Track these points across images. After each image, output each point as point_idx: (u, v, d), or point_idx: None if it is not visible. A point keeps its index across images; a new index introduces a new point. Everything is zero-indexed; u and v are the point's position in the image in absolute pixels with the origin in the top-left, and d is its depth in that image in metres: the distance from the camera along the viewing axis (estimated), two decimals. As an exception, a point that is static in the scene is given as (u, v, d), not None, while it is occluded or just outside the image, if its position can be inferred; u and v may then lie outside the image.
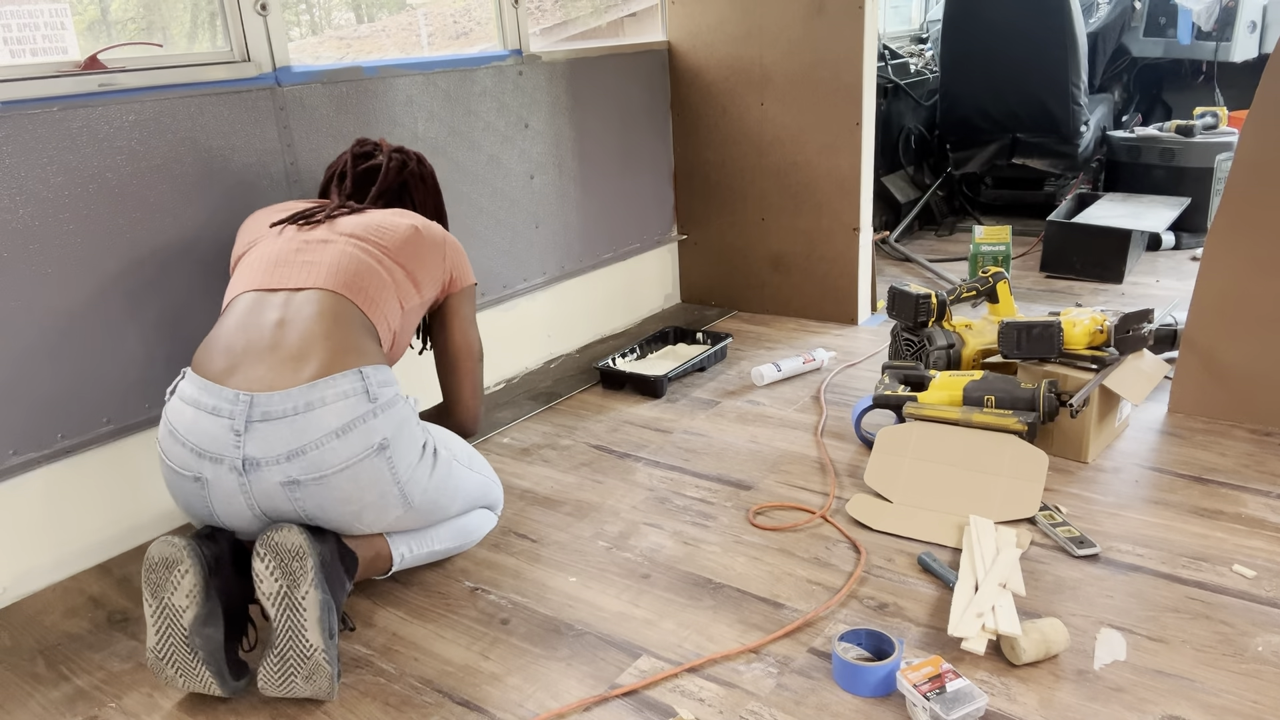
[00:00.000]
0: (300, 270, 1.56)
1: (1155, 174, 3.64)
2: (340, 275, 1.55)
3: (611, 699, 1.35)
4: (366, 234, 1.64)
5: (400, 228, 1.67)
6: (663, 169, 3.09)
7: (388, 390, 1.46)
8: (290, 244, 1.61)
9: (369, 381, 1.43)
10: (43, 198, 1.65)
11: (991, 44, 3.74)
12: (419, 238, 1.67)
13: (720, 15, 2.85)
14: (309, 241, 1.61)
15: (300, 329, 1.46)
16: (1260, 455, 1.93)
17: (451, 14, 5.03)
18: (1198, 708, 1.25)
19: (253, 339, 1.45)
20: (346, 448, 1.39)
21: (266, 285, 1.54)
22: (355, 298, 1.54)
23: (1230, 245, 2.01)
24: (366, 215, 1.69)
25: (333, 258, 1.58)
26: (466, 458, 1.67)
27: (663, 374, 2.44)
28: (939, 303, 2.23)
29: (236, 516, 1.42)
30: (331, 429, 1.38)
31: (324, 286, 1.53)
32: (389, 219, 1.68)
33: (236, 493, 1.38)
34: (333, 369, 1.42)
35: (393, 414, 1.45)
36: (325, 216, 1.67)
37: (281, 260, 1.58)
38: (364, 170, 1.82)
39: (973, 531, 1.62)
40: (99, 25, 2.19)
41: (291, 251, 1.59)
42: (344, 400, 1.40)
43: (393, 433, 1.43)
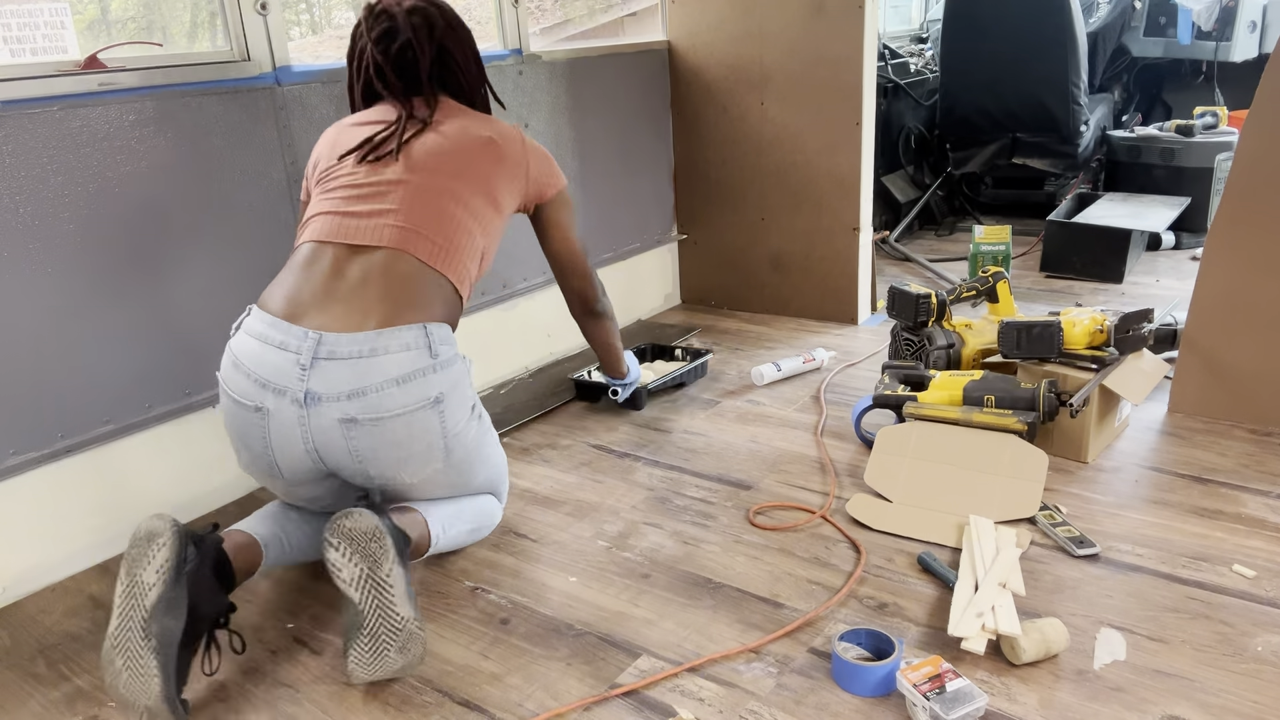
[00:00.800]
0: (370, 226, 1.54)
1: (1155, 174, 3.64)
2: (412, 233, 1.54)
3: (611, 699, 1.35)
4: (441, 164, 1.60)
5: (475, 146, 1.63)
6: (663, 169, 3.09)
7: (447, 349, 1.51)
8: (360, 188, 1.57)
9: (431, 338, 1.48)
10: (42, 197, 1.65)
11: (991, 44, 3.74)
12: (497, 153, 1.64)
13: (720, 15, 2.85)
14: (381, 185, 1.57)
15: (370, 288, 1.49)
16: (1260, 455, 1.93)
17: (451, 14, 5.02)
18: (1197, 708, 1.25)
19: (321, 291, 1.48)
20: (405, 395, 1.44)
21: (336, 237, 1.54)
22: (428, 256, 1.54)
23: (1230, 245, 2.01)
24: (438, 134, 1.63)
25: (406, 208, 1.55)
26: (495, 436, 1.71)
27: (644, 385, 2.36)
28: (939, 303, 2.23)
29: (289, 452, 1.46)
30: (392, 376, 1.43)
31: (393, 246, 1.52)
32: (464, 137, 1.63)
33: (294, 425, 1.43)
34: (398, 322, 1.46)
35: (450, 372, 1.50)
36: (397, 144, 1.60)
37: (351, 210, 1.56)
38: (397, 52, 1.65)
39: (973, 531, 1.62)
40: (99, 24, 2.19)
41: (362, 198, 1.56)
42: (406, 352, 1.44)
43: (448, 389, 1.49)
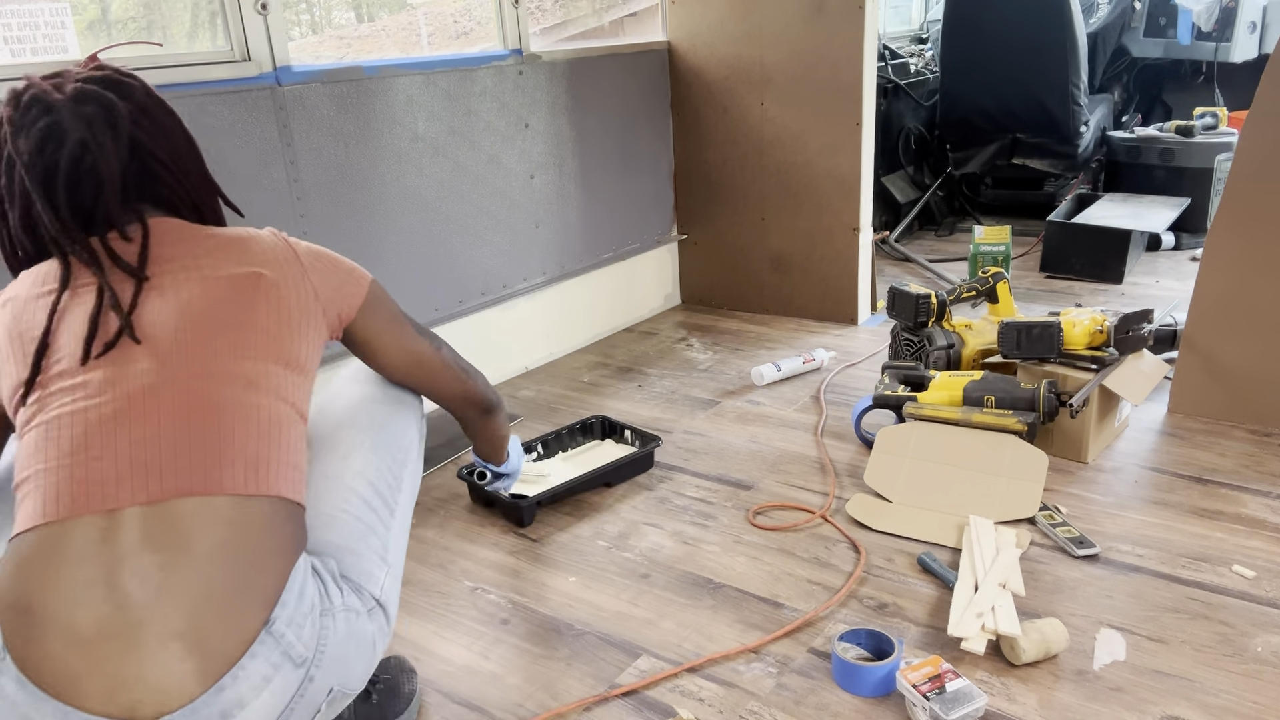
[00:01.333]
0: (136, 469, 0.95)
1: (1155, 174, 3.64)
2: (201, 454, 0.97)
3: (611, 699, 1.35)
4: (201, 335, 1.01)
5: (235, 296, 1.04)
6: (663, 169, 3.09)
7: (307, 622, 0.99)
8: (96, 409, 0.97)
9: (284, 638, 0.97)
10: (43, 197, 1.65)
11: (991, 44, 3.74)
12: (271, 294, 1.06)
13: (720, 15, 2.85)
14: (128, 399, 0.97)
15: (167, 584, 0.92)
16: (1260, 455, 1.93)
17: (452, 14, 5.03)
18: (1197, 708, 1.25)
19: (101, 614, 0.91)
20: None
21: (88, 508, 0.94)
22: (237, 479, 0.98)
23: (1230, 245, 2.01)
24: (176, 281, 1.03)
25: (176, 422, 0.97)
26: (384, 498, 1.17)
27: (531, 497, 1.84)
28: (939, 303, 2.23)
29: None
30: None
31: (184, 491, 0.95)
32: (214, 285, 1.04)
33: None
34: (233, 644, 0.94)
35: (331, 651, 1.01)
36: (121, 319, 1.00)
37: (95, 449, 0.96)
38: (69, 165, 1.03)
39: (972, 531, 1.62)
40: (99, 24, 2.19)
41: (105, 425, 0.96)
42: (266, 688, 0.96)
43: (339, 670, 1.03)
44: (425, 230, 2.34)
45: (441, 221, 2.38)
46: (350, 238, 2.17)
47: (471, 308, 2.51)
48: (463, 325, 2.50)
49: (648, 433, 2.07)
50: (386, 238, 2.25)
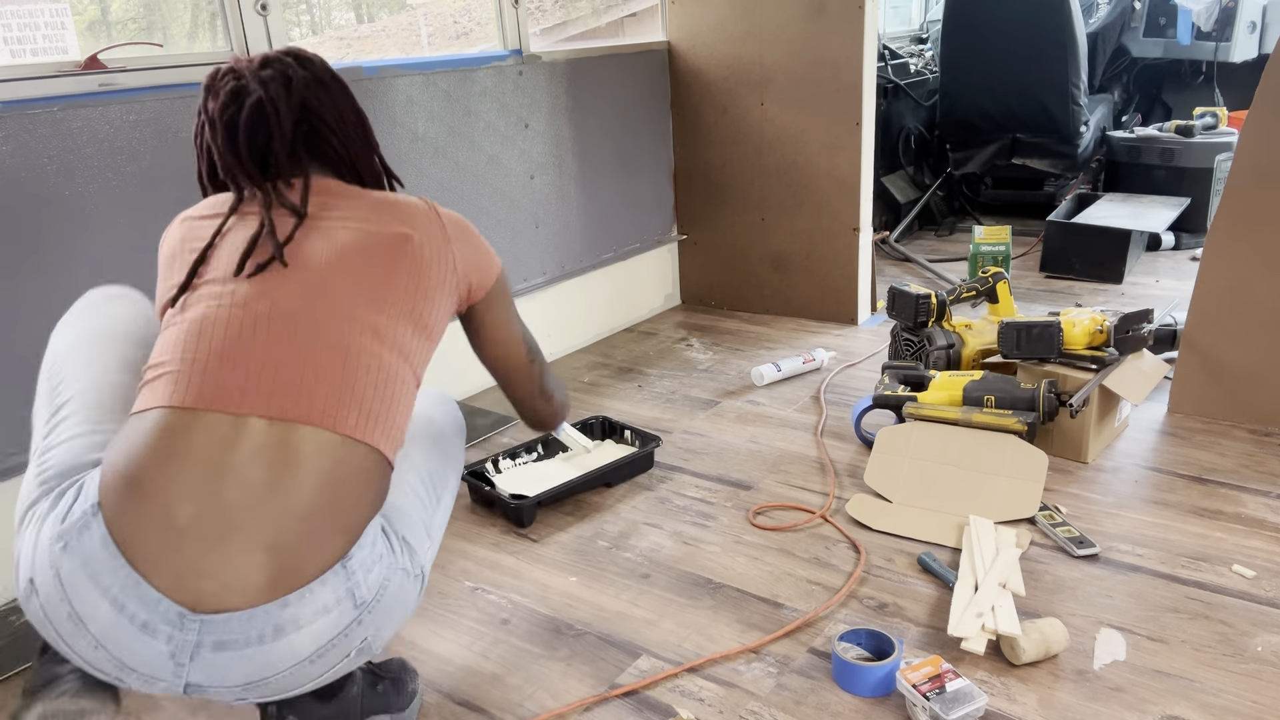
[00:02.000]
0: (263, 381, 1.03)
1: (1155, 174, 3.64)
2: (326, 389, 1.05)
3: (611, 699, 1.35)
4: (345, 285, 1.10)
5: (384, 251, 1.13)
6: (663, 169, 3.09)
7: (375, 567, 1.06)
8: (239, 314, 1.06)
9: (354, 575, 1.04)
10: (42, 197, 1.65)
11: (991, 44, 3.74)
12: (416, 257, 1.15)
13: (720, 15, 2.85)
14: (269, 316, 1.06)
15: (267, 498, 1.00)
16: (1260, 455, 1.93)
17: (451, 14, 5.03)
18: (1197, 708, 1.25)
19: (199, 509, 0.98)
20: (320, 667, 1.06)
21: (213, 403, 1.02)
22: (350, 423, 1.06)
23: (1230, 245, 2.01)
24: (325, 235, 1.13)
25: (310, 352, 1.06)
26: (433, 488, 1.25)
27: (531, 498, 1.83)
28: (939, 303, 2.23)
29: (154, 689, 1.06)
30: (305, 655, 1.03)
31: (302, 419, 1.03)
32: (365, 238, 1.13)
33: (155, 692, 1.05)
34: (310, 569, 1.01)
35: (384, 604, 1.08)
36: (275, 247, 1.10)
37: (231, 352, 1.04)
38: (249, 117, 1.16)
39: (972, 531, 1.62)
40: (99, 25, 2.19)
41: (245, 332, 1.05)
42: (324, 617, 1.02)
43: (379, 623, 1.08)
44: (425, 230, 2.33)
45: (441, 222, 2.37)
46: (350, 238, 2.17)
47: (471, 308, 2.51)
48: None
49: (648, 433, 2.06)
50: (386, 238, 2.25)
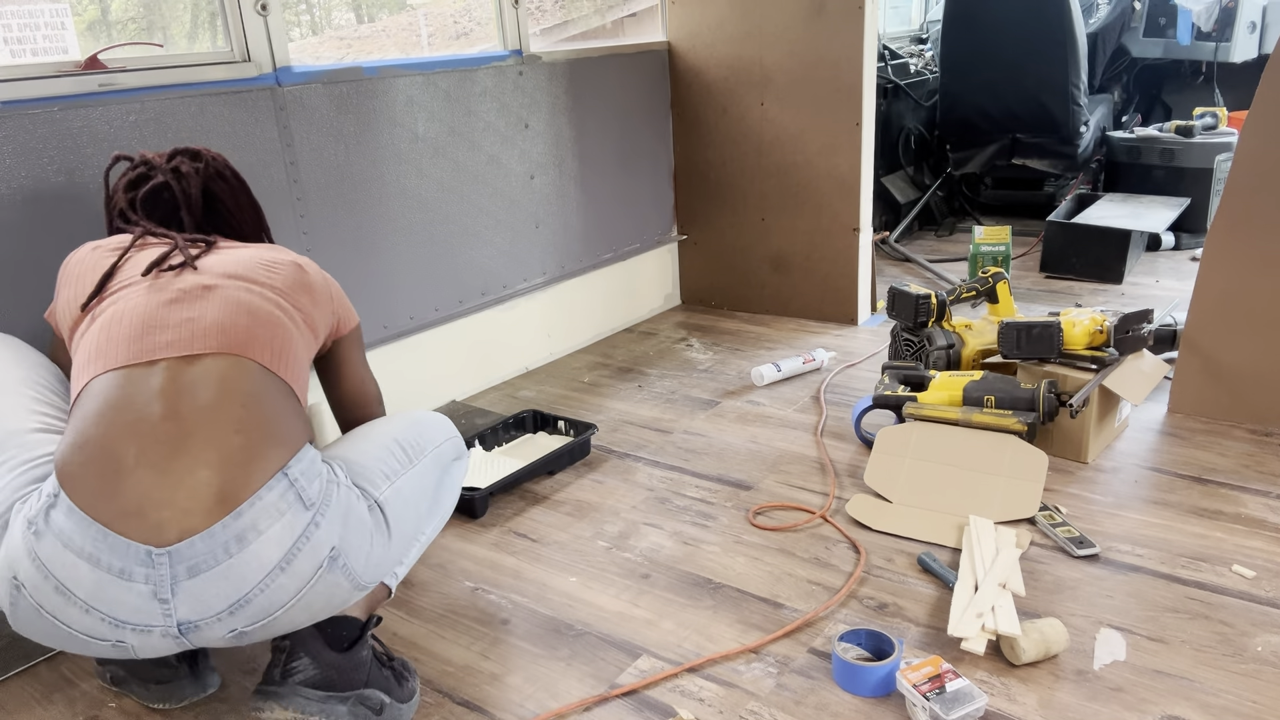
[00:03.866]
0: (182, 331, 1.19)
1: (1155, 174, 3.64)
2: (239, 330, 1.21)
3: (611, 699, 1.35)
4: (250, 272, 1.31)
5: (284, 263, 1.36)
6: (663, 169, 3.09)
7: (316, 480, 1.16)
8: (156, 296, 1.23)
9: (298, 482, 1.14)
10: (43, 197, 1.65)
11: (991, 44, 3.74)
12: (306, 275, 1.37)
13: (720, 15, 2.85)
14: (184, 291, 1.24)
15: (202, 420, 1.12)
16: (1260, 455, 1.93)
17: (451, 14, 5.03)
18: (1197, 708, 1.25)
19: (143, 445, 1.09)
20: (294, 579, 1.13)
21: (139, 358, 1.16)
22: (264, 357, 1.21)
23: (1230, 245, 2.01)
24: (234, 251, 1.36)
25: (222, 308, 1.23)
26: (405, 450, 1.36)
27: (484, 489, 1.88)
28: (939, 303, 2.23)
29: (157, 651, 1.16)
30: (273, 563, 1.11)
31: (222, 350, 1.18)
32: (265, 254, 1.36)
33: (171, 647, 1.14)
34: (254, 479, 1.11)
35: (335, 509, 1.17)
36: (186, 257, 1.29)
37: (152, 321, 1.19)
38: (149, 193, 1.42)
39: (972, 531, 1.62)
40: (99, 25, 2.19)
41: (162, 306, 1.21)
42: (278, 520, 1.11)
43: (340, 532, 1.17)
44: (425, 230, 2.34)
45: (441, 222, 2.38)
46: (350, 238, 2.17)
47: (471, 308, 2.51)
48: (463, 325, 2.50)
49: (582, 422, 2.19)
50: (386, 238, 2.25)
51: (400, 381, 2.36)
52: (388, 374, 2.32)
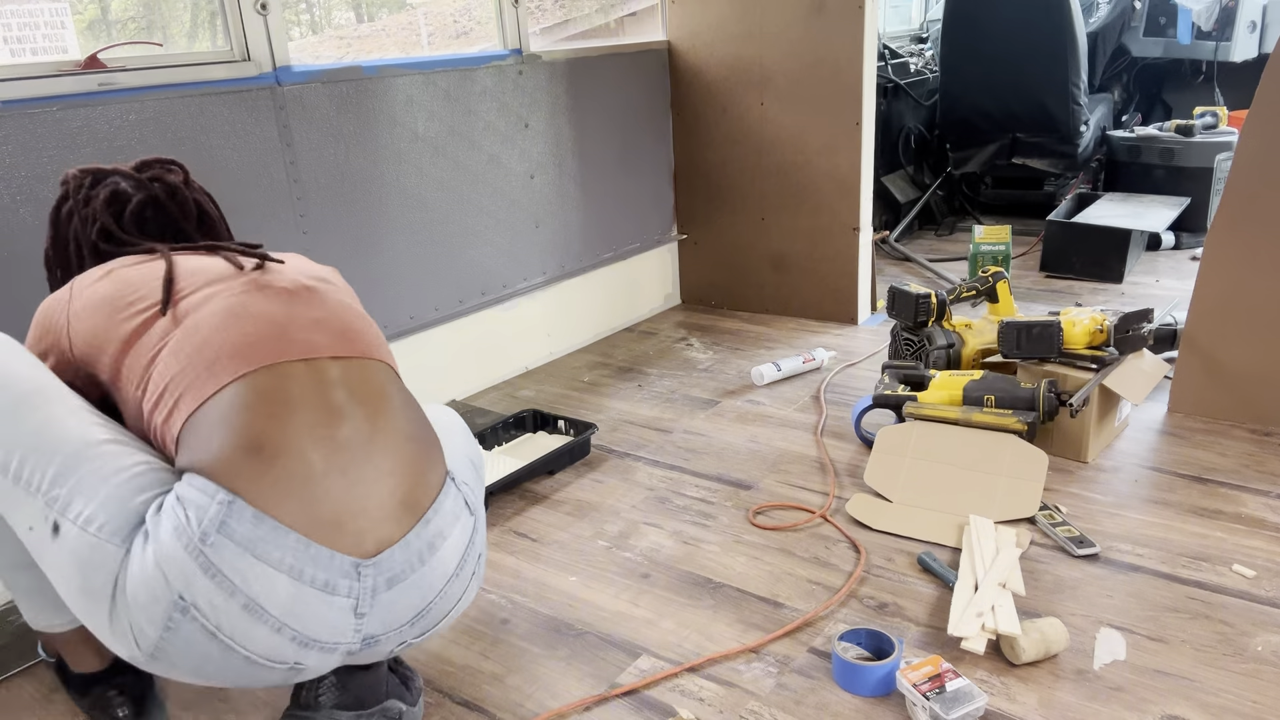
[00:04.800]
0: (324, 332, 1.11)
1: (1155, 174, 3.64)
2: (364, 333, 1.15)
3: (611, 698, 1.35)
4: (321, 275, 1.23)
5: (326, 270, 1.28)
6: (663, 169, 3.09)
7: (471, 482, 1.18)
8: (267, 296, 1.12)
9: (464, 486, 1.15)
10: (43, 197, 1.65)
11: (991, 44, 3.74)
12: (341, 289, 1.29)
13: (720, 15, 2.85)
14: (291, 292, 1.14)
15: (380, 425, 1.07)
16: (1260, 455, 1.93)
17: (451, 13, 5.03)
18: (1197, 707, 1.25)
19: (329, 450, 1.02)
20: (460, 584, 1.12)
21: (289, 355, 1.06)
22: (390, 359, 1.18)
23: (1230, 245, 2.01)
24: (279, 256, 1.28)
25: (337, 310, 1.15)
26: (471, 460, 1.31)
27: None
28: (939, 302, 2.23)
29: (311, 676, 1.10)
30: (452, 569, 1.10)
31: (364, 353, 1.12)
32: (302, 261, 1.29)
33: (331, 665, 1.07)
34: (432, 485, 1.08)
35: (481, 514, 1.19)
36: (257, 255, 1.21)
37: (285, 319, 1.10)
38: (137, 209, 1.28)
39: (972, 531, 1.62)
40: (99, 24, 2.19)
41: (284, 305, 1.12)
42: (456, 525, 1.10)
43: (484, 536, 1.19)
44: (425, 230, 2.34)
45: (441, 221, 2.38)
46: (350, 238, 2.17)
47: (471, 307, 2.51)
48: (463, 325, 2.50)
49: (582, 422, 2.18)
50: (386, 238, 2.25)
51: (400, 381, 2.36)
52: (388, 373, 2.32)
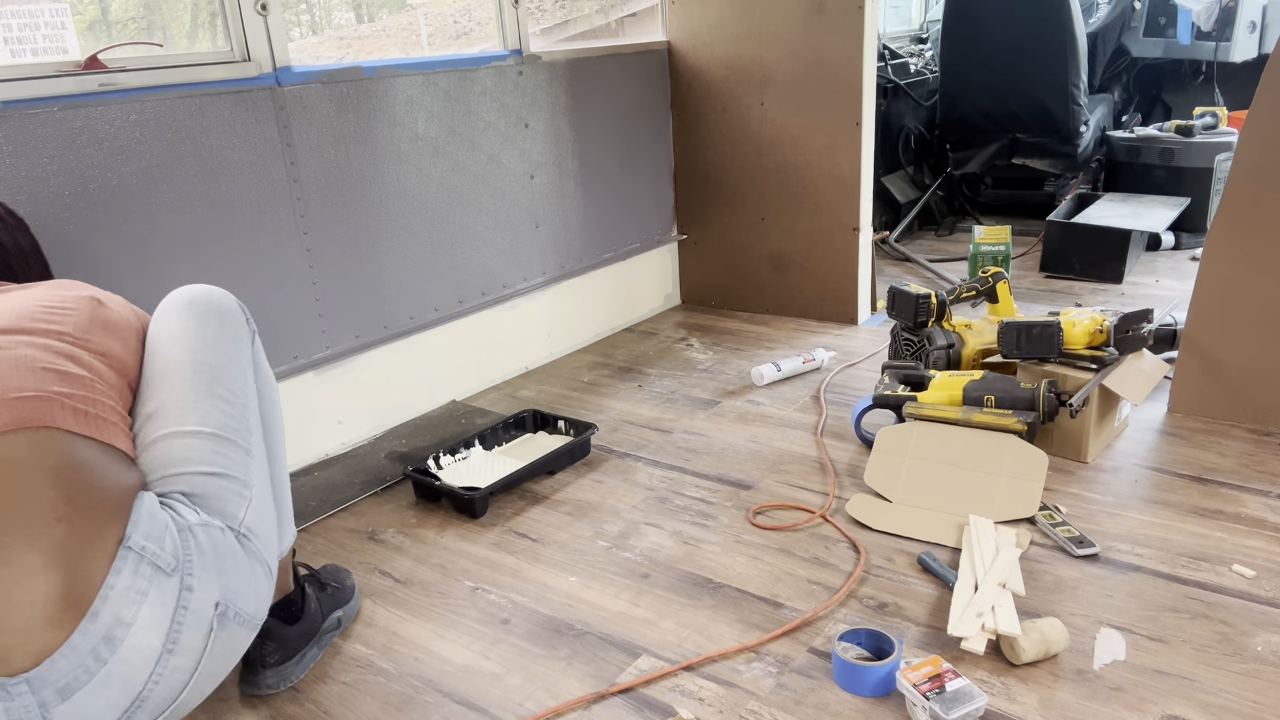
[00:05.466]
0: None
1: (1155, 174, 3.64)
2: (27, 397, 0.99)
3: (611, 696, 1.35)
4: (27, 322, 1.07)
5: (72, 301, 1.14)
6: (663, 169, 3.09)
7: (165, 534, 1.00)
8: None
9: (146, 550, 0.98)
10: (43, 197, 1.65)
11: (991, 44, 3.74)
12: (104, 309, 1.16)
13: (720, 15, 2.85)
14: None
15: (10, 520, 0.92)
16: (1260, 455, 1.93)
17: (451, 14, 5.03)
18: (1197, 707, 1.25)
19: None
20: (187, 656, 1.00)
21: None
22: (68, 421, 1.00)
23: (1230, 245, 2.01)
24: (7, 297, 1.13)
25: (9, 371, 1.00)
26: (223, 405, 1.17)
27: (484, 489, 1.88)
28: (939, 303, 2.23)
29: None
30: (155, 652, 0.97)
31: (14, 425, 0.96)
32: (47, 295, 1.14)
33: None
34: (96, 566, 0.94)
35: (201, 558, 1.02)
36: None
37: None
38: None
39: (972, 531, 1.62)
40: (99, 25, 2.19)
41: None
42: (144, 602, 0.96)
43: (219, 581, 1.04)
44: (425, 230, 2.34)
45: (441, 221, 2.38)
46: (350, 238, 2.17)
47: (471, 308, 2.51)
48: (463, 325, 2.50)
49: (582, 422, 2.18)
50: (386, 238, 2.25)
51: (400, 381, 2.36)
52: (388, 374, 2.33)
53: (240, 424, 1.18)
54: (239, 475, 1.14)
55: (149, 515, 1.00)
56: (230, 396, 1.19)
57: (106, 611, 0.94)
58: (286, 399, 2.10)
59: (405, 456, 2.18)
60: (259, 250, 1.99)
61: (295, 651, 1.42)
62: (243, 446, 1.17)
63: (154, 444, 1.11)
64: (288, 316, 2.07)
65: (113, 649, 0.94)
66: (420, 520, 1.89)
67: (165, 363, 1.17)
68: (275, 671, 1.40)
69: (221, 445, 1.14)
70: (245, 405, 1.21)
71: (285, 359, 2.08)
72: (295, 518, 1.91)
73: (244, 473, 1.15)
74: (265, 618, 1.14)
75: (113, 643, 0.94)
